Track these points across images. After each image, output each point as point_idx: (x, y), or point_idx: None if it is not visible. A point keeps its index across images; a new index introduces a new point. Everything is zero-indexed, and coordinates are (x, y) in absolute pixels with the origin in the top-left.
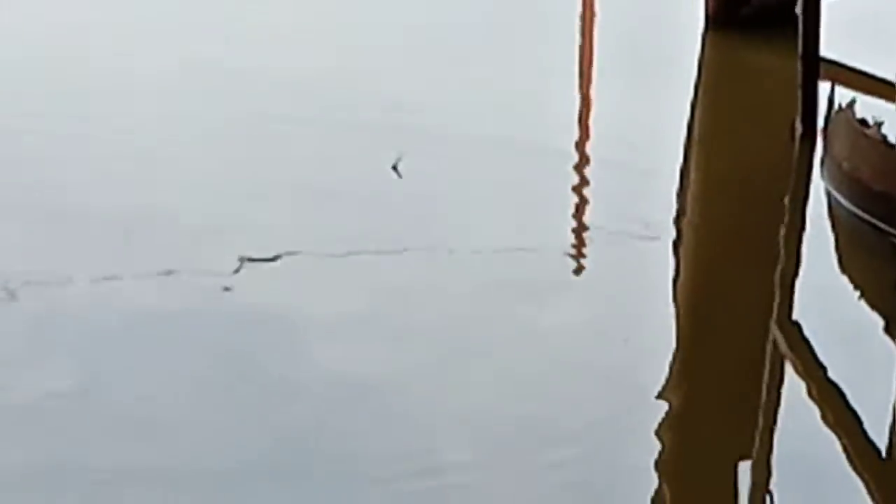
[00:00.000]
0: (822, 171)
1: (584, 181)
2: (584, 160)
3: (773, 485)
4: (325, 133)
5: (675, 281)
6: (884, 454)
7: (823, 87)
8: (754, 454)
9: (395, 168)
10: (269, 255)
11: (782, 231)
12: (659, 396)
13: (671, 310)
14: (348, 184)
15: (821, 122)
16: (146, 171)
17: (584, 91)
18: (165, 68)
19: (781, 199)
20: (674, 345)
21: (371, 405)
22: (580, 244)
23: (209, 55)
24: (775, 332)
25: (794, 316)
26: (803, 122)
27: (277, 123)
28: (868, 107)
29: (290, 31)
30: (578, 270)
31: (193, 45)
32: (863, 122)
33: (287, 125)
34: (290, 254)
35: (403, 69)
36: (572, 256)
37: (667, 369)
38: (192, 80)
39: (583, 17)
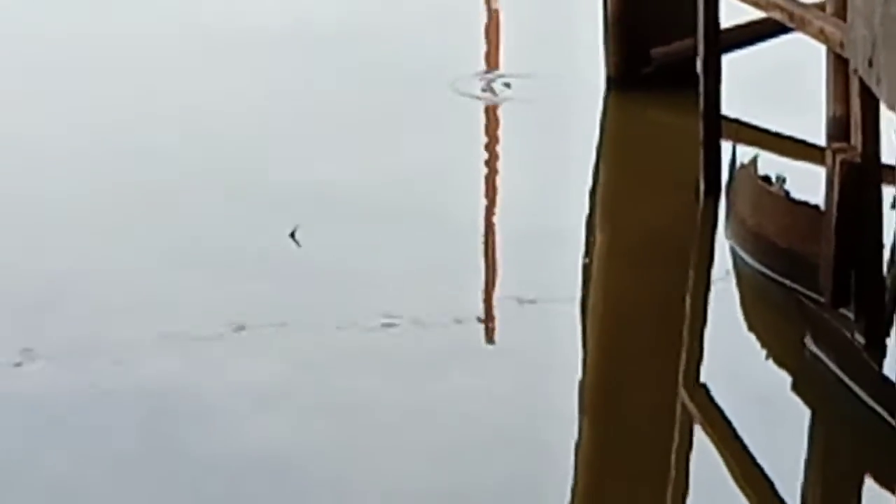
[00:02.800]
0: (726, 229)
1: (491, 250)
2: (490, 229)
3: None
4: (226, 199)
5: (583, 345)
6: None
7: (726, 146)
8: None
9: (293, 236)
10: (177, 332)
11: (688, 291)
12: (569, 462)
13: (580, 375)
14: (250, 254)
15: (724, 180)
16: (47, 244)
17: (490, 156)
18: (75, 135)
19: (686, 259)
20: (584, 410)
21: (286, 478)
22: (489, 313)
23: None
24: (683, 395)
25: (703, 377)
26: (706, 180)
27: (174, 188)
28: (770, 164)
29: (201, 96)
30: (489, 339)
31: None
32: (765, 178)
33: (184, 190)
34: (197, 331)
35: (310, 136)
36: (482, 325)
37: (577, 435)
38: (94, 144)
39: (486, 80)
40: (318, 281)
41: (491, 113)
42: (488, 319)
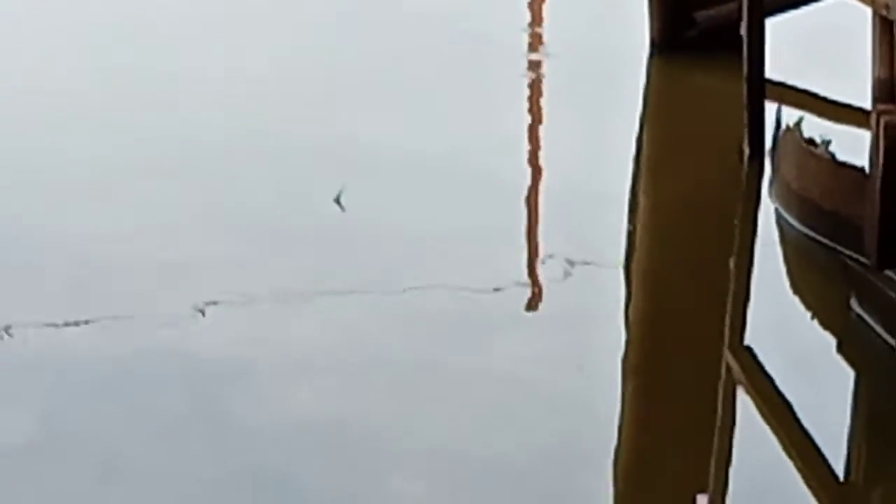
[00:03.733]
0: (770, 191)
1: (534, 211)
2: (535, 189)
3: None
4: (271, 165)
5: (627, 308)
6: (841, 477)
7: (770, 108)
8: (711, 482)
9: (338, 201)
10: (226, 299)
11: (733, 254)
12: (614, 426)
13: (624, 338)
14: (294, 218)
15: (768, 143)
16: (93, 215)
17: (535, 120)
18: (114, 106)
19: (731, 221)
20: (629, 373)
21: (334, 443)
22: (533, 274)
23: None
24: (728, 357)
25: (747, 340)
26: (750, 143)
27: (218, 156)
28: (815, 126)
29: (238, 67)
30: (533, 301)
31: (140, 85)
32: (810, 141)
33: (228, 157)
34: (243, 298)
35: (350, 101)
36: (526, 287)
37: (620, 398)
38: (139, 115)
39: (530, 46)
40: (362, 245)
41: (535, 77)
42: (533, 283)
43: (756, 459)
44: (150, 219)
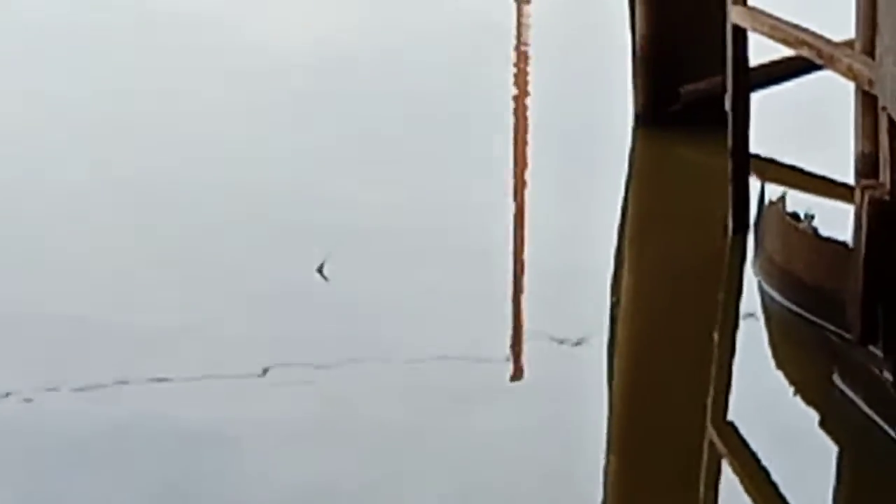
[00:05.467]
0: (754, 265)
1: (519, 284)
2: (519, 263)
3: None
4: (254, 234)
5: (610, 382)
6: None
7: (754, 183)
8: None
9: (320, 271)
10: (205, 370)
11: (716, 328)
12: (599, 501)
13: (608, 413)
14: (279, 288)
15: (753, 218)
16: (74, 282)
17: (518, 193)
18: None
19: (715, 296)
20: (612, 448)
21: None
22: (517, 347)
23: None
24: (712, 432)
25: (731, 415)
26: (735, 217)
27: (199, 225)
28: (798, 201)
29: (221, 134)
30: (516, 373)
31: (123, 148)
32: (794, 215)
33: (209, 225)
34: (224, 368)
35: (333, 172)
36: (509, 359)
37: (604, 473)
38: (119, 179)
39: (515, 117)
40: (345, 316)
41: (520, 147)
42: (517, 355)
43: None
44: (132, 286)
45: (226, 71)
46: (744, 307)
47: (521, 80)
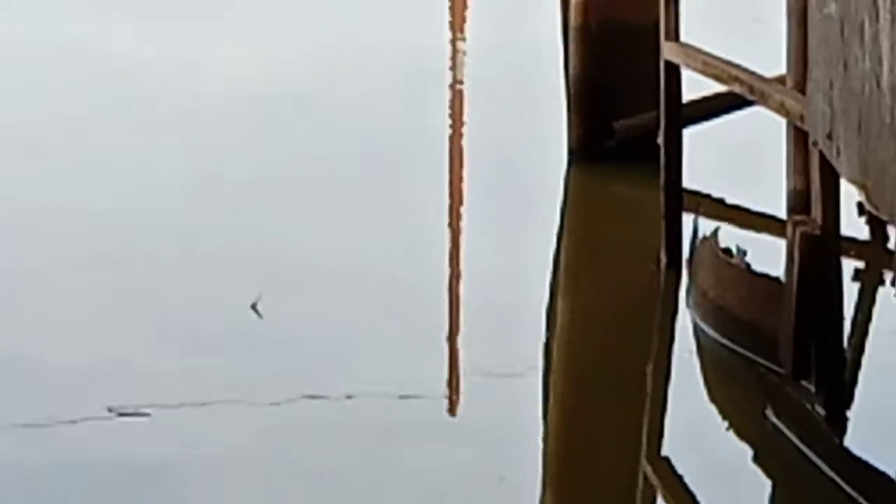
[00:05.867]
0: (687, 301)
1: (455, 320)
2: (455, 299)
3: None
4: (187, 270)
5: (545, 418)
6: None
7: (687, 218)
8: None
9: (254, 308)
10: (139, 406)
11: (650, 363)
12: None
13: (542, 448)
14: (213, 325)
15: (686, 253)
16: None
17: (454, 229)
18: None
19: (649, 331)
20: (547, 483)
21: None
22: (452, 386)
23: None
24: (646, 467)
25: (665, 450)
26: (668, 252)
27: (131, 260)
28: (731, 236)
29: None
30: (451, 412)
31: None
32: (726, 251)
33: (141, 260)
34: (159, 404)
35: (268, 208)
36: (444, 398)
37: None
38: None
39: (451, 154)
40: (279, 352)
41: (455, 184)
42: (451, 392)
43: None
44: (66, 323)
45: (157, 108)
46: (677, 342)
47: (456, 117)
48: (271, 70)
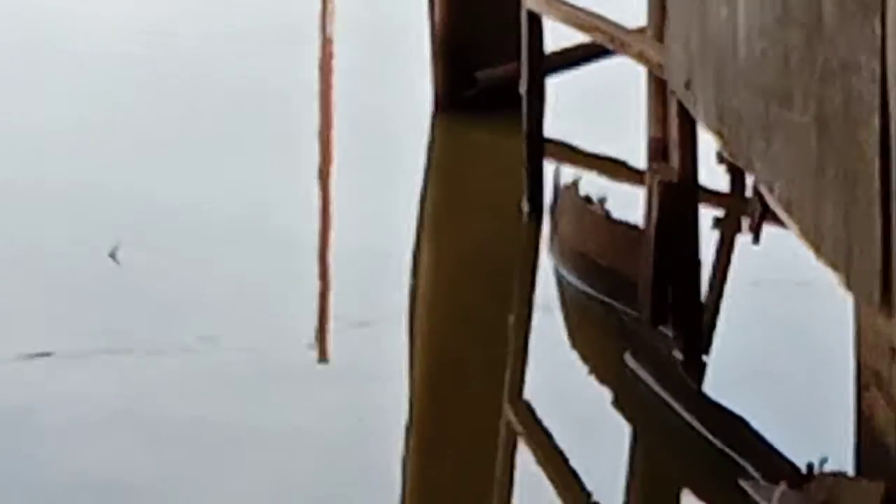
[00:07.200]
0: (549, 248)
1: (322, 270)
2: (322, 249)
3: None
4: (46, 217)
5: (411, 364)
6: None
7: (549, 167)
8: None
9: (112, 256)
10: (8, 354)
11: (512, 309)
12: (398, 478)
13: (408, 393)
14: (70, 274)
15: (547, 201)
16: None
17: (323, 179)
18: None
19: (510, 278)
20: (412, 427)
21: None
22: (320, 333)
23: None
24: (508, 411)
25: (527, 394)
26: (530, 200)
27: None
28: (592, 184)
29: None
30: (319, 359)
31: None
32: (587, 199)
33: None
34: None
35: (136, 159)
36: (312, 346)
37: (403, 451)
38: None
39: (321, 105)
40: (139, 302)
41: (324, 134)
42: (318, 339)
43: None
44: None
45: (39, 59)
46: (539, 289)
47: (325, 68)
48: (158, 23)
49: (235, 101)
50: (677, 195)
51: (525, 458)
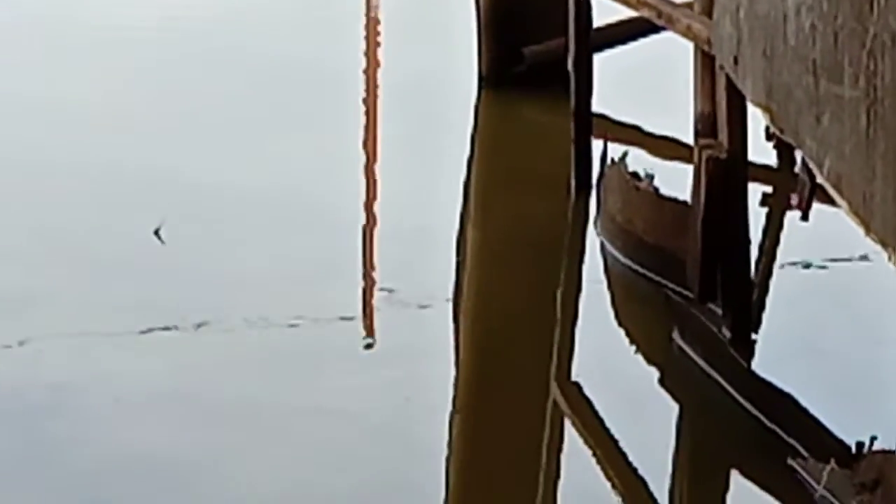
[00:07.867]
0: (596, 225)
1: (368, 248)
2: (367, 227)
3: None
4: (92, 195)
5: (457, 343)
6: None
7: (597, 143)
8: None
9: (157, 234)
10: (47, 333)
11: (560, 287)
12: (444, 459)
13: (454, 373)
14: (121, 254)
15: (595, 177)
16: None
17: (369, 156)
18: None
19: (558, 255)
20: (458, 407)
21: (170, 481)
22: (366, 309)
23: None
24: (555, 391)
25: (574, 373)
26: (577, 177)
27: (37, 185)
28: (640, 161)
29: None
30: (365, 338)
31: None
32: (635, 175)
33: (47, 185)
34: (67, 333)
35: (176, 137)
36: (357, 323)
37: (448, 431)
38: None
39: (366, 82)
40: (184, 280)
41: (370, 111)
42: (366, 317)
43: (582, 492)
44: None
45: (67, 36)
46: (586, 266)
47: (371, 44)
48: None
49: (280, 78)
50: (726, 171)
51: (573, 438)
